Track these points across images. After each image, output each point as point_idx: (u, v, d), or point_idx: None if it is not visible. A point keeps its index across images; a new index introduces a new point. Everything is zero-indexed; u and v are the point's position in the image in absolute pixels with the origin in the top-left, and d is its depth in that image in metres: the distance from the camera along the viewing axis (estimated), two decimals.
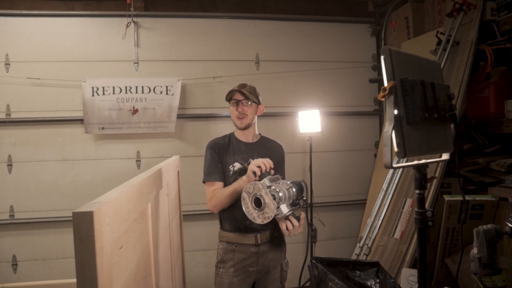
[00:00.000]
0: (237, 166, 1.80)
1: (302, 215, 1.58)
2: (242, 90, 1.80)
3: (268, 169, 1.59)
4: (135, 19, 3.18)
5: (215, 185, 1.80)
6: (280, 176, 1.64)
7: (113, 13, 3.20)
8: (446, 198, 2.34)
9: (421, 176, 1.11)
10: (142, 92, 3.16)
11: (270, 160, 1.63)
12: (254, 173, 1.59)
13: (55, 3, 3.21)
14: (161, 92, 3.18)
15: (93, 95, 3.08)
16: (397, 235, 2.46)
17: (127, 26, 3.11)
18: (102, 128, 3.11)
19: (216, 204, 1.76)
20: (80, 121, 3.12)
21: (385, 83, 1.00)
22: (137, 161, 3.25)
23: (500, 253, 2.17)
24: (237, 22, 3.42)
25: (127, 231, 0.89)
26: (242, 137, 1.89)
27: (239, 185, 1.66)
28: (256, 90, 1.89)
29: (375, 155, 3.63)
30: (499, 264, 1.09)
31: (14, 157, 3.08)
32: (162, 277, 1.41)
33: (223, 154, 1.83)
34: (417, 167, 1.11)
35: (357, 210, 3.56)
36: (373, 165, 3.59)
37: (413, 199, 2.45)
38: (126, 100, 3.13)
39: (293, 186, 1.55)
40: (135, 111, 3.15)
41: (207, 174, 1.81)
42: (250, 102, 1.81)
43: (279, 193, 1.48)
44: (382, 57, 1.02)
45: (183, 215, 2.48)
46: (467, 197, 2.31)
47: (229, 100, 1.85)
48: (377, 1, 3.62)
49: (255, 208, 1.48)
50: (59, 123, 3.13)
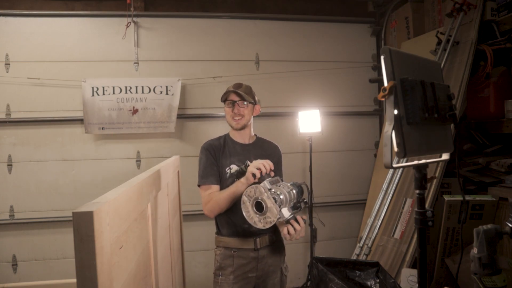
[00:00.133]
0: (234, 168, 1.75)
1: (304, 217, 1.53)
2: (238, 91, 1.74)
3: (269, 171, 1.54)
4: (135, 19, 3.18)
5: (212, 189, 1.73)
6: (280, 178, 1.59)
7: (113, 13, 3.20)
8: (446, 198, 2.34)
9: (421, 176, 1.11)
10: (142, 92, 3.16)
11: (270, 161, 1.58)
12: (253, 175, 1.54)
13: (55, 3, 3.21)
14: (161, 92, 3.18)
15: (93, 95, 3.08)
16: (397, 235, 2.46)
17: (127, 26, 3.11)
18: (102, 128, 3.11)
19: (213, 208, 1.69)
20: (80, 121, 3.12)
21: (385, 83, 1.00)
22: (137, 161, 3.25)
23: (500, 253, 2.18)
24: (237, 22, 3.42)
25: (127, 231, 0.89)
26: (238, 138, 1.82)
27: (237, 188, 1.61)
28: (252, 90, 1.82)
29: (375, 155, 3.63)
30: (499, 264, 1.09)
31: (14, 157, 3.08)
32: (162, 277, 1.40)
33: (219, 156, 1.76)
34: (417, 167, 1.11)
35: (357, 210, 3.56)
36: (373, 165, 3.60)
37: (413, 199, 2.45)
38: (126, 100, 3.13)
39: (293, 189, 1.49)
40: (135, 111, 3.15)
41: (203, 177, 1.74)
42: (246, 102, 1.75)
43: (280, 195, 1.42)
44: (382, 57, 1.01)
45: (183, 215, 2.48)
46: (467, 197, 2.31)
47: (224, 101, 1.79)
48: (377, 1, 3.62)
49: (256, 213, 1.41)
50: (59, 123, 3.13)
